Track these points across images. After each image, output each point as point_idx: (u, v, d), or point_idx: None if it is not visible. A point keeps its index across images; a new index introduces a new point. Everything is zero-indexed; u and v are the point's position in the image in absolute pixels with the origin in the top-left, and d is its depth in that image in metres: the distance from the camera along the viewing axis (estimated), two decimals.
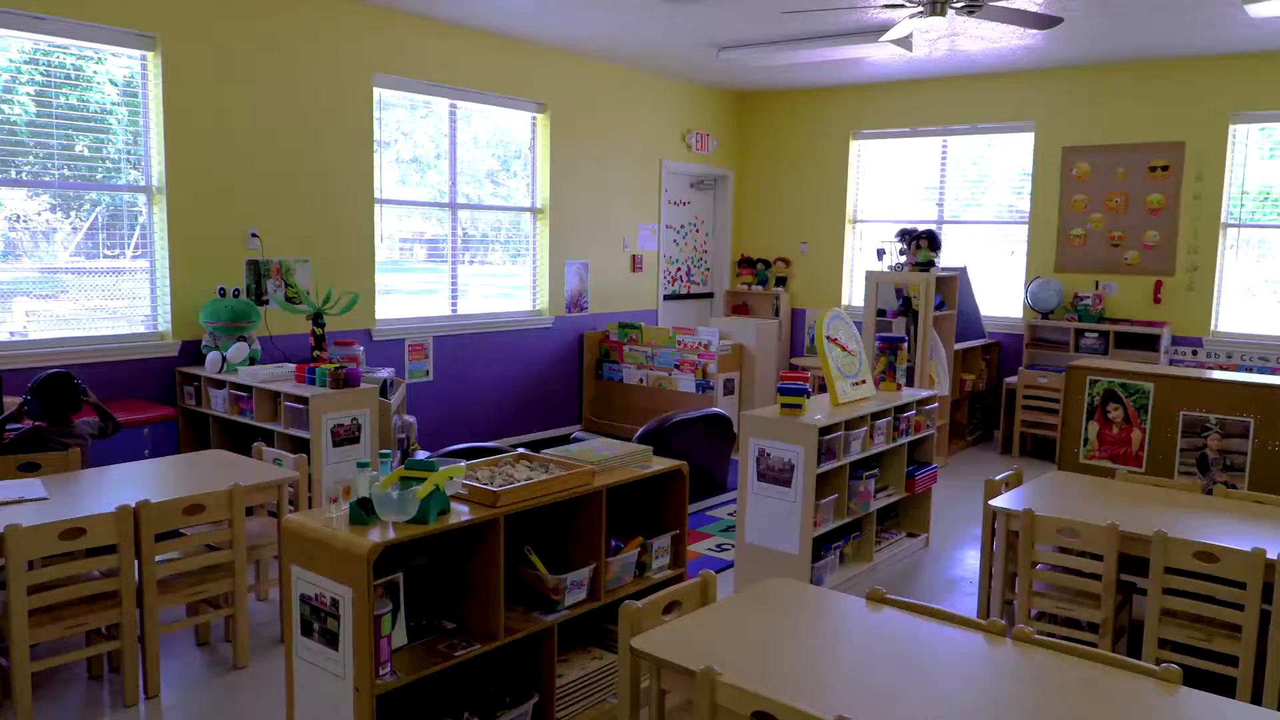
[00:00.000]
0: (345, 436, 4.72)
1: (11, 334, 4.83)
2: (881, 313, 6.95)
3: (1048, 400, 7.17)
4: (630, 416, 7.61)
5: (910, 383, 6.55)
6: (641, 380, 7.65)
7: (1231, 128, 7.01)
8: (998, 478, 3.83)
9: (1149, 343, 7.13)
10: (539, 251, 7.55)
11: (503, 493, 2.66)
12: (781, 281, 9.22)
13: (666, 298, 8.90)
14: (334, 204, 6.00)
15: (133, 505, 3.18)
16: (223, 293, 5.33)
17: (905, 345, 5.12)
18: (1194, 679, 3.35)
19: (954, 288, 7.08)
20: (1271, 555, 3.09)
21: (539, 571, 2.89)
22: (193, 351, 5.36)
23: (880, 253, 7.18)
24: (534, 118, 7.40)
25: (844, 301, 8.90)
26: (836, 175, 8.84)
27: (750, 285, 9.30)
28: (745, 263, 9.37)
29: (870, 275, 6.91)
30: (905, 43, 6.46)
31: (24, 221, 4.90)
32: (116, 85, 5.08)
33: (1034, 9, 5.76)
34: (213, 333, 5.22)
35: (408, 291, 6.76)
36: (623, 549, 3.16)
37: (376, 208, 6.31)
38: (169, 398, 5.29)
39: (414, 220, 6.82)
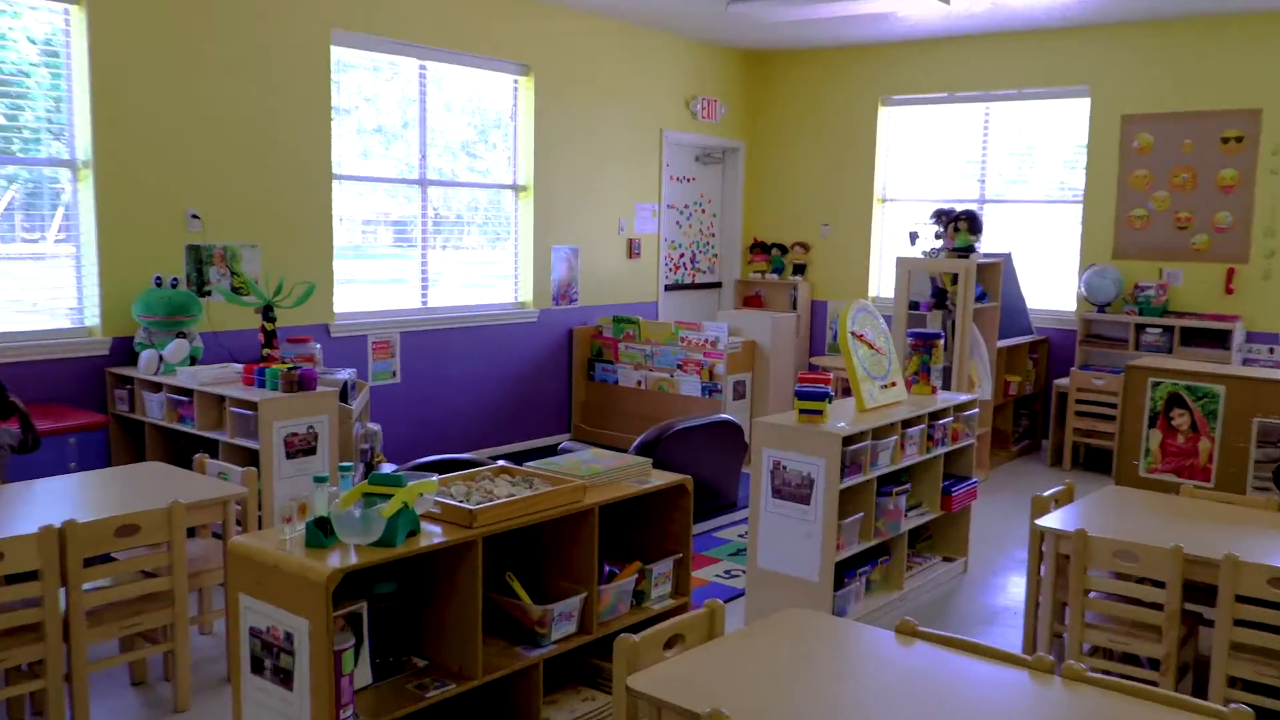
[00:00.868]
0: (300, 447, 4.73)
1: None
2: (914, 305, 6.97)
3: (1103, 405, 7.20)
4: (626, 424, 7.63)
5: (947, 385, 6.58)
6: (639, 383, 7.66)
7: None
8: (1046, 494, 3.85)
9: (1219, 339, 7.16)
10: (522, 235, 7.56)
11: (480, 511, 2.67)
12: (800, 269, 9.24)
13: (668, 288, 8.91)
14: (286, 181, 6.01)
15: (57, 525, 3.19)
16: (159, 282, 5.34)
17: (941, 342, 5.14)
18: None
19: (997, 276, 7.11)
20: None
21: (522, 601, 2.91)
22: (125, 350, 5.37)
23: (913, 236, 7.19)
24: (516, 81, 7.42)
25: (871, 292, 8.92)
26: (863, 148, 8.85)
27: (764, 274, 9.32)
28: (758, 248, 9.39)
29: (901, 262, 6.92)
30: None
31: None
32: (35, 44, 5.09)
33: None
34: (148, 328, 5.24)
35: (371, 281, 6.77)
36: (618, 575, 3.18)
37: (335, 184, 6.33)
38: (98, 403, 5.31)
39: (378, 199, 6.83)
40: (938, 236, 7.04)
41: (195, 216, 5.60)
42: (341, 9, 6.19)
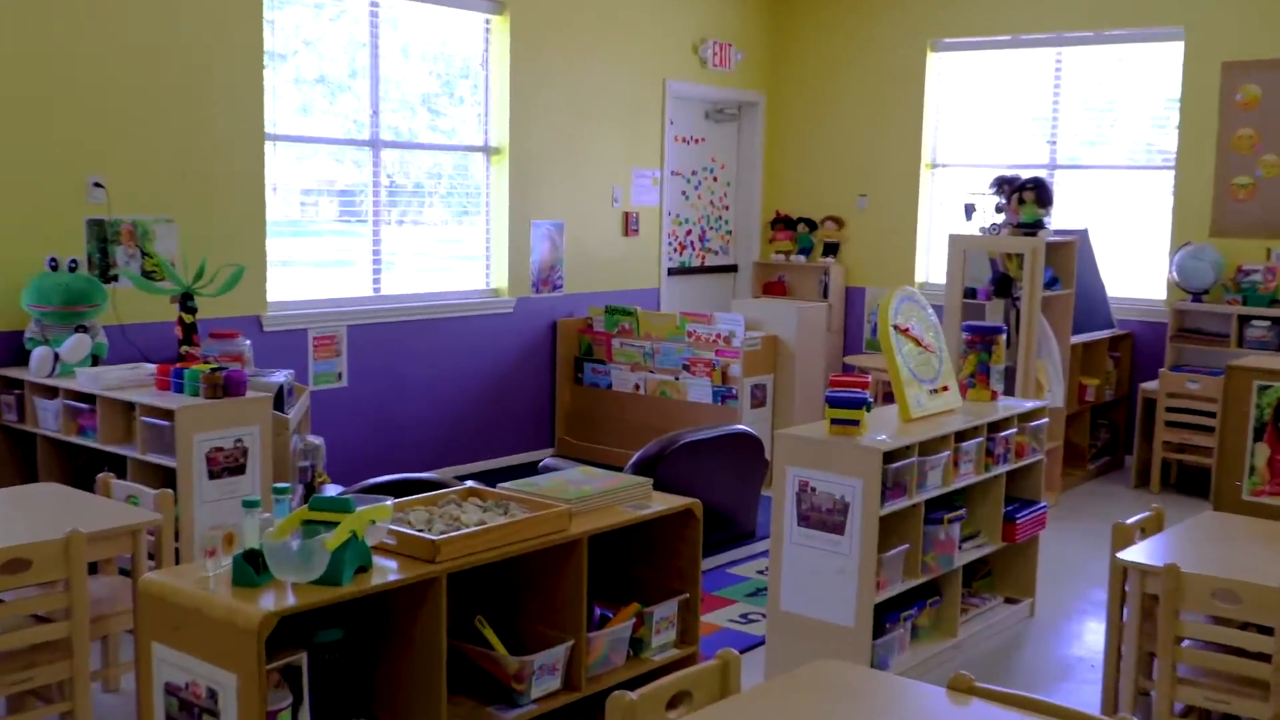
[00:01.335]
0: (226, 465, 4.73)
1: None
2: (970, 293, 6.97)
3: (1200, 414, 7.20)
4: (621, 437, 7.63)
5: (1010, 390, 6.58)
6: (637, 386, 7.66)
7: None
8: (1130, 521, 3.85)
9: None
10: (494, 208, 7.56)
11: (445, 543, 2.67)
12: (831, 249, 9.24)
13: (671, 272, 8.91)
14: (209, 142, 6.01)
15: None
16: (54, 265, 5.34)
17: (1003, 338, 5.14)
18: None
19: (1071, 258, 7.11)
20: None
21: (495, 651, 2.91)
22: (13, 347, 5.36)
23: (969, 210, 7.19)
24: (487, 21, 7.41)
25: (918, 278, 8.93)
26: (908, 102, 8.85)
27: (788, 255, 9.32)
28: (781, 223, 9.39)
29: (955, 241, 6.93)
30: None
31: None
32: None
33: None
34: (40, 320, 5.23)
35: (313, 263, 6.77)
36: (611, 620, 3.18)
37: (268, 146, 6.32)
38: None
39: (321, 164, 6.83)
40: (999, 210, 7.04)
41: (98, 185, 5.59)
42: None
